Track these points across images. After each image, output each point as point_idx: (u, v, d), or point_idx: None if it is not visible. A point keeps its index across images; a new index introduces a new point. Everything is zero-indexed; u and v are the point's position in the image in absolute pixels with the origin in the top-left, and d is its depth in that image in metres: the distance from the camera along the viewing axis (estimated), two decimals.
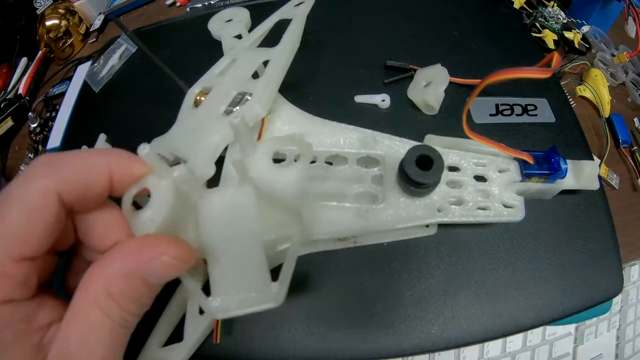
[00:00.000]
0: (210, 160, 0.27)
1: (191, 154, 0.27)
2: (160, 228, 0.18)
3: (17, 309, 0.16)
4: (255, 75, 0.31)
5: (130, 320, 0.18)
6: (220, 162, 0.28)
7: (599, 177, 0.31)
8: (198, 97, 0.31)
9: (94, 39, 0.52)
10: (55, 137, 0.41)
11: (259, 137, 0.29)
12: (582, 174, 0.29)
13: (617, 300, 0.35)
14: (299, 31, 0.32)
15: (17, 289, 0.16)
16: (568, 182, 0.29)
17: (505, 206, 0.28)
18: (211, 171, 0.26)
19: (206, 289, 0.21)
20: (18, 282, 0.16)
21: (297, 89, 0.36)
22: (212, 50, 0.37)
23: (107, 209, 0.19)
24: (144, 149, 0.19)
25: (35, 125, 0.44)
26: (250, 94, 0.29)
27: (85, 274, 0.17)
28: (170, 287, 0.28)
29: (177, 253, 0.17)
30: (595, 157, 0.36)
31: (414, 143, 0.29)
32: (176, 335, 0.27)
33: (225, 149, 0.29)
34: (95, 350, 0.16)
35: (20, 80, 0.49)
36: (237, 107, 0.28)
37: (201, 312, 0.26)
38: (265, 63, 0.31)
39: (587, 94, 0.42)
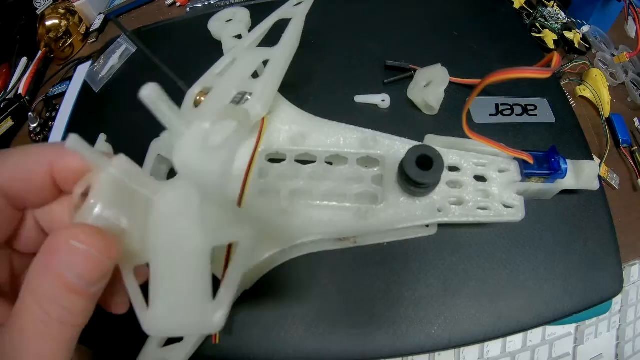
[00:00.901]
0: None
1: None
2: (98, 224, 0.15)
3: None
4: (255, 75, 0.31)
5: (55, 331, 0.15)
6: None
7: (599, 177, 0.31)
8: (198, 97, 0.31)
9: (94, 39, 0.52)
10: (55, 137, 0.41)
11: (259, 137, 0.29)
12: (582, 174, 0.29)
13: (617, 300, 0.34)
14: (298, 31, 0.32)
15: None
16: (568, 182, 0.29)
17: (505, 206, 0.28)
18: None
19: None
20: None
21: (297, 89, 0.36)
22: (212, 50, 0.37)
23: (60, 204, 0.18)
24: (70, 140, 0.15)
25: (35, 125, 0.44)
26: (250, 94, 0.29)
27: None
28: None
29: (93, 239, 0.14)
30: (595, 157, 0.36)
31: (414, 143, 0.29)
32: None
33: None
34: (33, 347, 0.15)
35: (20, 80, 0.49)
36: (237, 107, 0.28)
37: None
38: (265, 63, 0.31)
39: (587, 94, 0.42)
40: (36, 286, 0.15)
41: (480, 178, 0.28)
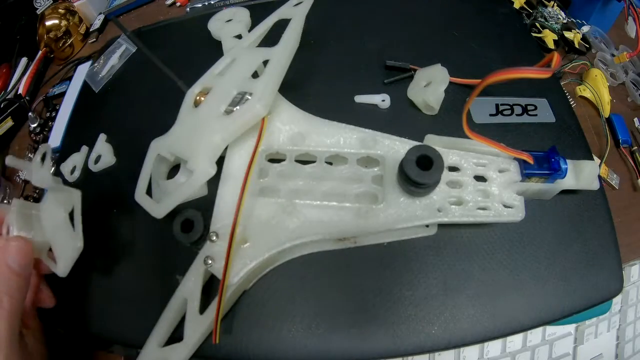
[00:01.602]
0: (211, 160, 0.27)
1: (191, 154, 0.27)
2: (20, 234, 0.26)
3: None
4: (255, 75, 0.31)
5: (5, 302, 0.23)
6: (220, 162, 0.28)
7: (599, 177, 0.31)
8: (198, 97, 0.31)
9: (94, 39, 0.52)
10: (55, 137, 0.41)
11: (259, 137, 0.29)
12: (582, 174, 0.29)
13: (617, 300, 0.34)
14: (298, 30, 0.32)
15: None
16: (568, 182, 0.29)
17: (505, 206, 0.28)
18: (212, 171, 0.27)
19: None
20: None
21: (297, 89, 0.36)
22: (212, 50, 0.37)
23: None
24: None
25: (35, 125, 0.44)
26: (251, 94, 0.29)
27: None
28: (170, 288, 0.28)
29: (17, 242, 0.25)
30: (595, 157, 0.36)
31: (414, 143, 0.29)
32: (176, 336, 0.27)
33: (226, 149, 0.29)
34: None
35: (20, 80, 0.49)
36: (238, 107, 0.28)
37: (201, 312, 0.26)
38: (265, 63, 0.31)
39: (587, 94, 0.42)
40: None
41: (480, 178, 0.28)
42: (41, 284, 0.28)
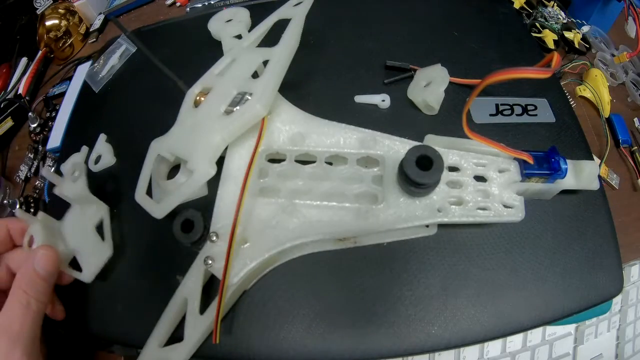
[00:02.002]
0: (211, 160, 0.27)
1: (191, 154, 0.27)
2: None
3: None
4: (255, 75, 0.31)
5: (39, 306, 0.26)
6: (220, 162, 0.28)
7: (599, 177, 0.31)
8: (198, 98, 0.31)
9: (94, 39, 0.52)
10: (55, 137, 0.41)
11: (259, 137, 0.29)
12: (582, 174, 0.29)
13: (617, 300, 0.34)
14: (298, 30, 0.32)
15: None
16: (568, 182, 0.29)
17: (505, 206, 0.28)
18: (212, 171, 0.27)
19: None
20: None
21: (297, 89, 0.36)
22: (212, 50, 0.37)
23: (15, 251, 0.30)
24: (17, 212, 0.30)
25: (35, 125, 0.44)
26: (251, 94, 0.29)
27: None
28: (170, 288, 0.28)
29: (45, 250, 0.27)
30: (595, 157, 0.36)
31: (414, 143, 0.29)
32: (176, 336, 0.27)
33: (226, 149, 0.29)
34: (13, 326, 0.24)
35: (20, 80, 0.49)
36: (238, 107, 0.28)
37: (202, 312, 0.26)
38: (265, 63, 0.31)
39: (587, 94, 0.42)
40: (20, 280, 0.26)
41: (480, 178, 0.28)
42: (54, 298, 0.30)
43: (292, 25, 0.32)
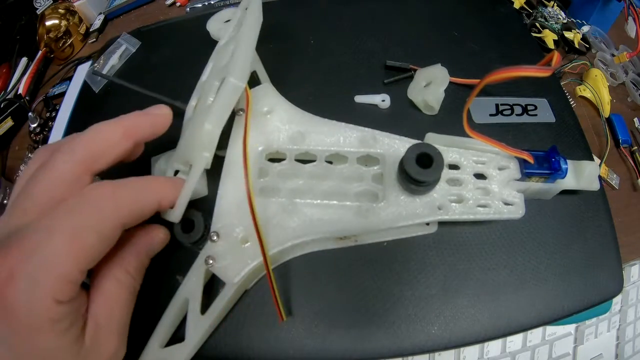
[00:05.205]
0: (205, 148, 0.26)
1: (190, 152, 0.27)
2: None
3: (72, 304, 0.20)
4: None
5: (137, 287, 0.25)
6: (220, 162, 0.28)
7: (599, 177, 0.31)
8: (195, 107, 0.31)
9: (94, 39, 0.52)
10: (55, 137, 0.41)
11: (246, 116, 0.28)
12: (582, 174, 0.29)
13: (617, 300, 0.34)
14: (258, 5, 0.31)
15: (74, 290, 0.20)
16: (568, 182, 0.29)
17: (506, 203, 0.28)
18: (207, 154, 0.26)
19: None
20: (78, 285, 0.21)
21: (297, 88, 0.36)
22: (212, 51, 0.37)
23: None
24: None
25: (35, 125, 0.44)
26: None
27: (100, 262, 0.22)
28: (171, 288, 0.28)
29: (165, 232, 0.26)
30: (595, 157, 0.36)
31: (414, 141, 0.29)
32: (177, 336, 0.27)
33: (226, 149, 0.29)
34: (118, 316, 0.23)
35: (20, 80, 0.49)
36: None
37: (203, 312, 0.26)
38: None
39: (587, 94, 0.42)
40: (129, 261, 0.24)
41: (480, 176, 0.28)
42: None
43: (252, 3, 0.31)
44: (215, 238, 0.26)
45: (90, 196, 0.21)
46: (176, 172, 0.30)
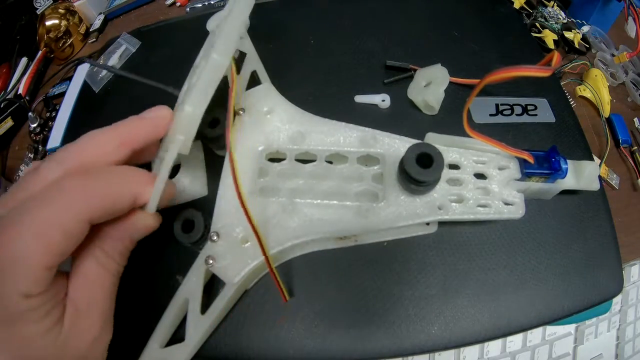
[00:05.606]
0: (184, 129, 0.25)
1: (168, 137, 0.26)
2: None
3: (45, 295, 0.20)
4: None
5: (120, 271, 0.24)
6: (220, 162, 0.28)
7: (599, 177, 0.31)
8: None
9: (94, 39, 0.52)
10: (55, 137, 0.41)
11: (231, 95, 0.27)
12: (582, 175, 0.29)
13: (617, 300, 0.34)
14: None
15: (44, 284, 0.20)
16: (568, 182, 0.29)
17: (506, 203, 0.28)
18: (181, 137, 0.25)
19: None
20: (48, 279, 0.20)
21: (297, 88, 0.36)
22: None
23: None
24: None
25: (35, 125, 0.44)
26: None
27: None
28: (171, 288, 0.28)
29: (153, 217, 0.24)
30: (595, 157, 0.36)
31: (414, 141, 0.29)
32: (177, 336, 0.27)
33: (226, 149, 0.29)
34: (100, 300, 0.22)
35: (20, 80, 0.49)
36: None
37: (203, 312, 0.26)
38: None
39: (587, 94, 0.42)
40: (110, 245, 0.23)
41: (480, 176, 0.28)
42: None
43: None
44: (215, 238, 0.26)
45: (59, 189, 0.21)
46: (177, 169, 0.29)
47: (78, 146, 0.23)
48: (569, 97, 0.39)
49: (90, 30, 0.53)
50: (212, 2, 0.50)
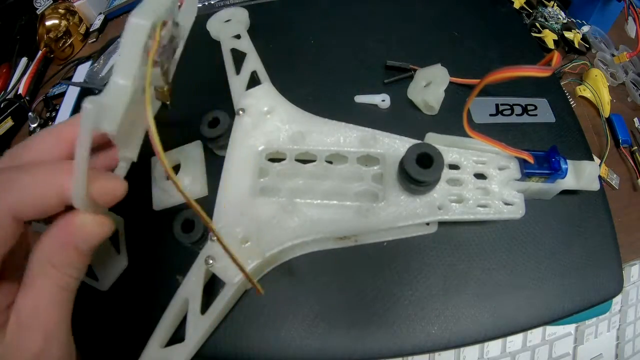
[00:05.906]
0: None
1: None
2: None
3: None
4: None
5: (71, 283, 0.21)
6: (220, 162, 0.28)
7: (599, 177, 0.31)
8: None
9: (94, 39, 0.52)
10: None
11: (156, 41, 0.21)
12: (582, 175, 0.29)
13: (617, 300, 0.34)
14: None
15: None
16: (568, 182, 0.29)
17: (506, 203, 0.28)
18: (89, 105, 0.20)
19: None
20: None
21: (297, 88, 0.36)
22: (212, 50, 0.37)
23: None
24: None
25: (35, 125, 0.44)
26: None
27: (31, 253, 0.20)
28: (171, 288, 0.28)
29: (100, 222, 0.21)
30: (595, 157, 0.36)
31: (414, 141, 0.29)
32: (178, 336, 0.27)
33: (226, 149, 0.29)
34: (44, 314, 0.20)
35: (20, 80, 0.49)
36: None
37: (203, 312, 0.26)
38: None
39: (587, 94, 0.42)
40: (50, 253, 0.20)
41: (480, 176, 0.28)
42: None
43: None
44: (215, 238, 0.26)
45: None
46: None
47: (25, 142, 0.22)
48: (569, 97, 0.39)
49: (90, 30, 0.53)
50: (212, 2, 0.50)
